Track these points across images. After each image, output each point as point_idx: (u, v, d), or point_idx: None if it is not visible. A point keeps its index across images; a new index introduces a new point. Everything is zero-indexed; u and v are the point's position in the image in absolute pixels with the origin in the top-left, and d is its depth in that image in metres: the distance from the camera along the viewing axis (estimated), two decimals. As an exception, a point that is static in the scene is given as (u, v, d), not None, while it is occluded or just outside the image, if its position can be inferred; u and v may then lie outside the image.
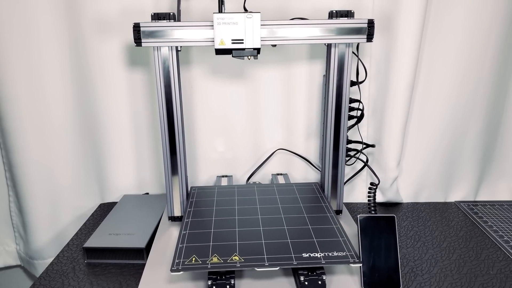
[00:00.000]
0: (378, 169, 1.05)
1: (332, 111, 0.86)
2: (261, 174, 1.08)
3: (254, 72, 1.00)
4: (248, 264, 0.64)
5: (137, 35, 0.76)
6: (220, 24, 0.74)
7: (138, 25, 0.76)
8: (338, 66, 0.83)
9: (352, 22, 0.78)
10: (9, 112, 0.95)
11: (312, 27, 0.78)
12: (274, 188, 0.94)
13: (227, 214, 0.81)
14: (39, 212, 1.03)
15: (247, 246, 0.70)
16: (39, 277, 0.78)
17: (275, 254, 0.68)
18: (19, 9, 0.89)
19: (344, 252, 0.68)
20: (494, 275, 0.78)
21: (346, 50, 0.82)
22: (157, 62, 0.79)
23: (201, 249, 0.68)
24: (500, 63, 0.98)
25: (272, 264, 0.65)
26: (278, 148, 1.07)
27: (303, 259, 0.66)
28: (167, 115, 0.83)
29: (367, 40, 0.79)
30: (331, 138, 0.88)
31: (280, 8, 0.94)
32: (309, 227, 0.77)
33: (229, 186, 0.95)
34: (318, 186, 0.96)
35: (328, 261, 0.66)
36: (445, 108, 1.01)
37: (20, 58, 0.92)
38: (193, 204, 0.86)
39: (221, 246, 0.69)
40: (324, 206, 0.86)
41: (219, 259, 0.65)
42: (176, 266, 0.64)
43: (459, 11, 0.93)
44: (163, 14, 0.77)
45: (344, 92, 0.84)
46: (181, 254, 0.67)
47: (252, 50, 0.76)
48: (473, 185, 1.09)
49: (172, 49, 0.79)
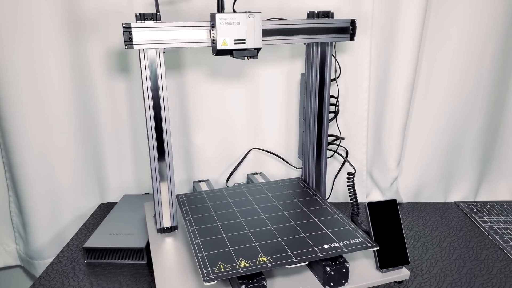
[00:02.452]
0: (378, 169, 1.06)
1: (315, 108, 0.88)
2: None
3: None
4: (278, 263, 0.64)
5: (128, 37, 0.70)
6: (222, 24, 0.72)
7: (129, 26, 0.69)
8: (320, 64, 0.85)
9: (337, 22, 0.81)
10: (9, 112, 0.95)
11: (298, 27, 0.79)
12: (262, 187, 0.93)
13: (230, 218, 0.79)
14: (39, 212, 1.03)
15: (267, 246, 0.69)
16: (39, 277, 0.78)
17: (298, 249, 0.68)
18: (20, 9, 0.89)
19: (358, 239, 0.71)
20: (494, 275, 0.78)
21: (327, 48, 0.84)
22: (144, 66, 0.73)
23: (223, 255, 0.67)
24: (499, 63, 0.98)
25: (300, 260, 0.65)
26: (252, 148, 1.06)
27: (326, 250, 0.68)
28: (155, 122, 0.76)
29: (350, 39, 0.83)
30: (314, 133, 0.90)
31: (281, 8, 0.94)
32: (315, 219, 0.78)
33: (216, 190, 0.92)
34: (302, 181, 0.96)
35: (350, 249, 0.68)
36: (445, 108, 1.01)
37: (20, 58, 0.92)
38: (189, 212, 0.81)
39: (242, 250, 0.68)
40: (317, 198, 0.87)
41: (247, 262, 0.64)
42: (208, 276, 0.61)
43: (459, 11, 0.93)
44: (149, 14, 0.71)
45: (326, 89, 0.87)
46: (205, 263, 0.64)
47: (253, 50, 0.76)
48: (473, 185, 1.09)
49: (159, 51, 0.73)
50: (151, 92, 0.75)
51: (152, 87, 0.74)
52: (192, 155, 1.06)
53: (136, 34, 0.70)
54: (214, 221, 0.78)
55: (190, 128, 1.03)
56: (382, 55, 0.97)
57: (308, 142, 0.92)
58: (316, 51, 0.84)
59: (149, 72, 0.73)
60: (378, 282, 0.70)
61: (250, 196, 0.88)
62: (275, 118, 1.04)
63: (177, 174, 1.06)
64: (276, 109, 1.03)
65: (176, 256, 0.75)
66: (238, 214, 0.80)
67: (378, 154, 1.05)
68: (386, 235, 0.72)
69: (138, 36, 0.70)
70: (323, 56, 0.84)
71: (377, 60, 0.98)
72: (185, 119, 1.02)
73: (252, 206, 0.84)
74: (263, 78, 1.00)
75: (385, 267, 0.71)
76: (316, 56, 0.85)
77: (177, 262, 0.73)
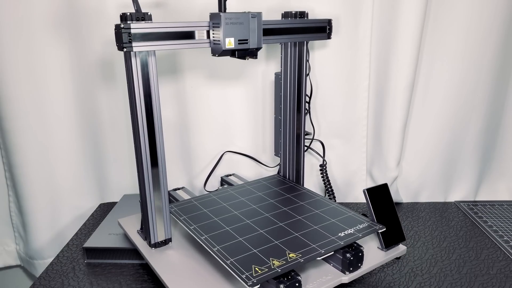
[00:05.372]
0: (378, 168, 1.06)
1: (294, 104, 0.90)
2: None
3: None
4: (308, 257, 0.65)
5: (128, 38, 0.63)
6: (228, 24, 0.70)
7: (128, 26, 0.63)
8: (297, 63, 0.87)
9: (316, 22, 0.85)
10: (9, 112, 0.95)
11: (289, 26, 0.81)
12: (248, 187, 0.93)
13: (236, 221, 0.77)
14: (39, 212, 1.03)
15: (288, 242, 0.70)
16: (39, 277, 0.78)
17: (318, 241, 0.69)
18: (20, 9, 0.89)
19: (365, 223, 0.75)
20: (494, 275, 0.78)
21: (303, 48, 0.87)
22: (135, 70, 0.66)
23: (251, 258, 0.65)
24: (499, 63, 0.98)
25: (327, 250, 0.67)
26: (226, 150, 1.06)
27: (343, 238, 0.70)
28: (148, 130, 0.70)
29: (327, 37, 0.87)
30: (293, 130, 0.92)
31: (281, 9, 0.94)
32: (316, 211, 0.80)
33: (204, 196, 0.89)
34: (282, 177, 0.98)
35: (363, 233, 0.71)
36: (445, 108, 1.01)
37: (20, 58, 0.92)
38: (190, 221, 0.78)
39: (267, 250, 0.68)
40: (306, 191, 0.89)
41: (279, 261, 0.64)
42: (250, 281, 0.59)
43: (459, 11, 0.93)
44: (140, 14, 0.65)
45: (303, 86, 0.90)
46: (239, 268, 0.63)
47: (254, 50, 0.76)
48: (473, 185, 1.09)
49: (151, 53, 0.67)
50: (143, 98, 0.68)
51: (144, 93, 0.68)
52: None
53: (135, 36, 0.63)
54: (221, 226, 0.75)
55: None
56: (382, 54, 0.97)
57: (287, 139, 0.94)
58: (293, 50, 0.87)
59: (141, 77, 0.67)
60: (384, 260, 0.74)
61: (241, 197, 0.88)
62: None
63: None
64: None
65: (189, 268, 0.71)
66: (242, 216, 0.79)
67: (378, 154, 1.05)
68: (384, 216, 0.77)
69: (137, 37, 0.64)
70: (300, 55, 0.87)
71: (377, 60, 0.98)
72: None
73: (250, 206, 0.83)
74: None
75: (388, 246, 0.76)
76: (293, 55, 0.87)
77: (194, 274, 0.70)
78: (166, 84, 0.99)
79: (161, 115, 0.72)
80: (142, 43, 0.65)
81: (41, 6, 0.90)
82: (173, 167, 1.05)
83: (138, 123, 0.69)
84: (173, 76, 0.99)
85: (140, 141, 0.70)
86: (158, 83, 0.70)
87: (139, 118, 0.69)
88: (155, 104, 0.70)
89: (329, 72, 0.98)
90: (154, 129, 0.71)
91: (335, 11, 0.93)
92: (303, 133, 0.93)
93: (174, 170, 1.05)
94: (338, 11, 0.93)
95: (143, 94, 0.68)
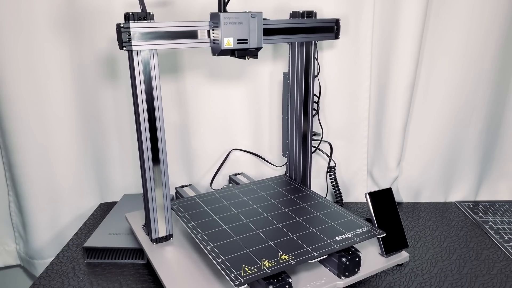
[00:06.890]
0: (379, 168, 1.05)
1: (301, 105, 0.89)
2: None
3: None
4: (300, 260, 0.65)
5: (127, 37, 0.65)
6: (227, 24, 0.70)
7: (128, 26, 0.64)
8: (305, 63, 0.86)
9: (323, 21, 0.83)
10: (9, 112, 0.95)
11: (294, 26, 0.80)
12: (252, 187, 0.93)
13: (234, 220, 0.78)
14: (39, 212, 1.03)
15: (282, 243, 0.69)
16: (39, 277, 0.78)
17: (313, 244, 0.69)
18: (20, 9, 0.89)
19: (364, 228, 0.73)
20: (494, 275, 0.78)
21: (311, 47, 0.86)
22: (137, 68, 0.68)
23: (243, 257, 0.65)
24: (500, 63, 0.98)
25: (320, 254, 0.66)
26: (233, 148, 1.06)
27: (339, 242, 0.69)
28: (150, 129, 0.72)
29: (335, 38, 0.85)
30: (300, 131, 0.91)
31: (282, 9, 0.94)
32: (317, 214, 0.79)
33: (208, 194, 0.90)
34: (288, 178, 0.97)
35: (361, 238, 0.70)
36: (445, 108, 1.01)
37: (20, 58, 0.92)
38: (189, 218, 0.78)
39: (260, 250, 0.68)
40: (310, 193, 0.88)
41: (270, 262, 0.64)
42: (237, 280, 0.59)
43: (460, 11, 0.93)
44: (142, 13, 0.66)
45: (310, 86, 0.89)
46: (229, 267, 0.63)
47: (255, 50, 0.75)
48: (473, 185, 1.09)
49: (153, 52, 0.68)
50: (145, 96, 0.70)
51: (146, 91, 0.70)
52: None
53: (134, 35, 0.65)
54: (219, 225, 0.76)
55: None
56: (383, 55, 0.97)
57: (294, 139, 0.93)
58: (300, 50, 0.86)
59: (142, 76, 0.69)
60: (384, 267, 0.72)
61: (244, 196, 0.88)
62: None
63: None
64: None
65: (183, 265, 0.72)
66: (241, 216, 0.79)
67: (379, 154, 1.05)
68: (386, 221, 0.75)
69: (135, 36, 0.65)
70: (308, 55, 0.86)
71: (378, 60, 0.98)
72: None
73: (251, 206, 0.83)
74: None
75: (389, 252, 0.74)
76: (301, 55, 0.86)
77: (187, 271, 0.71)
78: (167, 84, 0.99)
79: (163, 114, 0.73)
80: (141, 42, 0.66)
81: (42, 6, 0.90)
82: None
83: (140, 121, 0.71)
84: (173, 76, 0.99)
85: (142, 138, 0.72)
86: (159, 81, 0.71)
87: (141, 116, 0.71)
88: (157, 101, 0.72)
89: (331, 72, 0.98)
90: (156, 126, 0.73)
91: (337, 11, 0.93)
92: (310, 134, 0.92)
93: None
94: (340, 11, 0.93)
95: (145, 91, 0.70)
